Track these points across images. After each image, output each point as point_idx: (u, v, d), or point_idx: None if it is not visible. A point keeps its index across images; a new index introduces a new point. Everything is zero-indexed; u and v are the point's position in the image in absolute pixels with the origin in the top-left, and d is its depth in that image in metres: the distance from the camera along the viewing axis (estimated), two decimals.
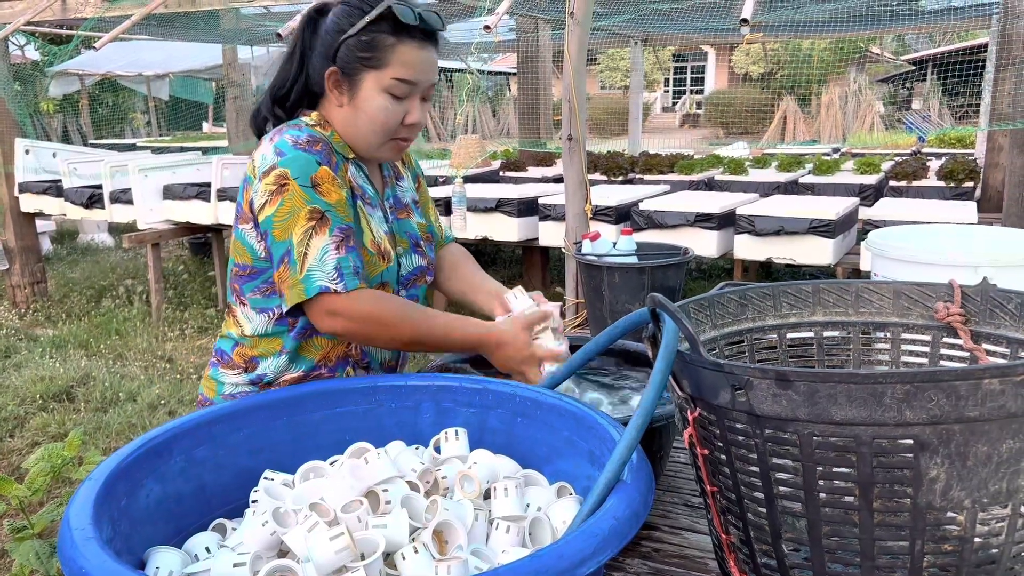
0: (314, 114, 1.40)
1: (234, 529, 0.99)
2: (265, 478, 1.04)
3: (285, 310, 1.31)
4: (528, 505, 0.96)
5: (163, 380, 4.56)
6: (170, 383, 4.49)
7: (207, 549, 0.92)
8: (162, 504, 0.95)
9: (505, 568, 0.68)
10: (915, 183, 5.49)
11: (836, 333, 1.22)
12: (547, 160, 7.71)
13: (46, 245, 8.33)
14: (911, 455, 0.79)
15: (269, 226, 1.28)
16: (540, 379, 1.31)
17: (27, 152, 6.67)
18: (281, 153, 1.29)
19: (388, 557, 0.84)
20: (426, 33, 1.35)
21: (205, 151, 9.47)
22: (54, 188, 6.56)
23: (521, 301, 1.44)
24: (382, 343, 1.37)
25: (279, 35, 4.82)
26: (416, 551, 0.79)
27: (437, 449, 1.09)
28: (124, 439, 3.72)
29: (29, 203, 6.62)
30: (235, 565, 0.84)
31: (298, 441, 1.10)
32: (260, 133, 1.44)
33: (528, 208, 5.10)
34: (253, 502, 1.00)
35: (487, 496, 0.96)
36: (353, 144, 1.41)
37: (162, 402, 4.17)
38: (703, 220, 4.40)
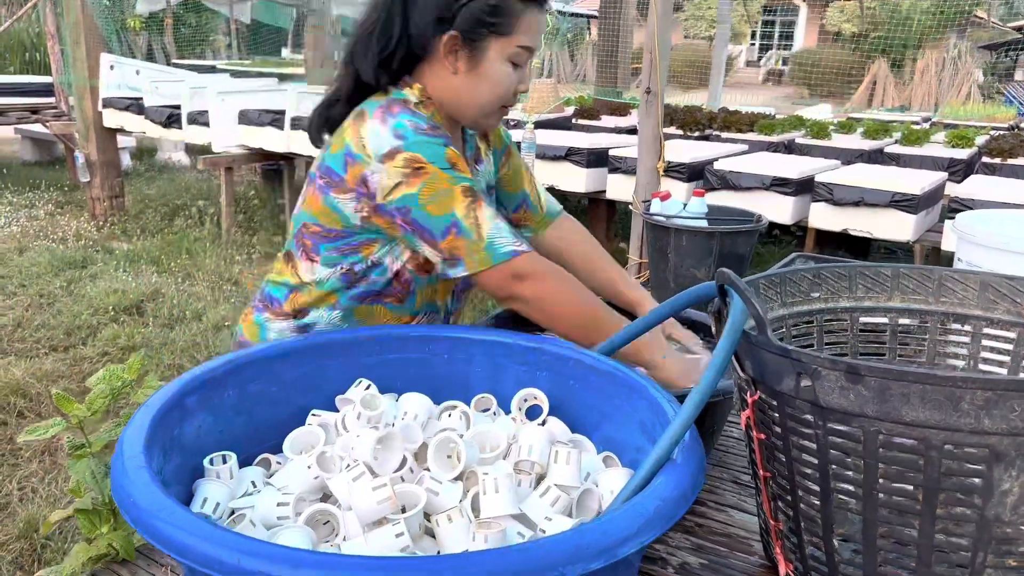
0: (416, 87, 1.32)
1: (279, 463, 1.00)
2: (313, 414, 1.05)
3: (454, 275, 1.26)
4: (588, 476, 0.94)
5: (228, 302, 4.69)
6: (235, 305, 4.61)
7: (252, 483, 0.94)
8: (213, 436, 0.97)
9: (546, 540, 0.67)
10: (1011, 161, 5.18)
11: (912, 321, 1.16)
12: (622, 110, 7.54)
13: (126, 160, 8.56)
14: (984, 465, 0.74)
15: (414, 203, 1.23)
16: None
17: (112, 68, 6.82)
18: (402, 137, 1.23)
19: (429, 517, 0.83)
20: None
21: (282, 78, 9.55)
22: (136, 105, 6.70)
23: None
24: (563, 313, 1.27)
25: None
26: (451, 519, 0.78)
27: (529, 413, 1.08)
28: (188, 357, 3.85)
29: (112, 119, 6.79)
30: (279, 504, 0.85)
31: (350, 383, 1.10)
32: (353, 93, 1.34)
33: (598, 159, 5.00)
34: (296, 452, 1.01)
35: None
36: (461, 112, 1.35)
37: (226, 323, 4.29)
38: (779, 184, 4.25)
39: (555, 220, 1.62)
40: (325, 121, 1.37)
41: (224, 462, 0.92)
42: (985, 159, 5.31)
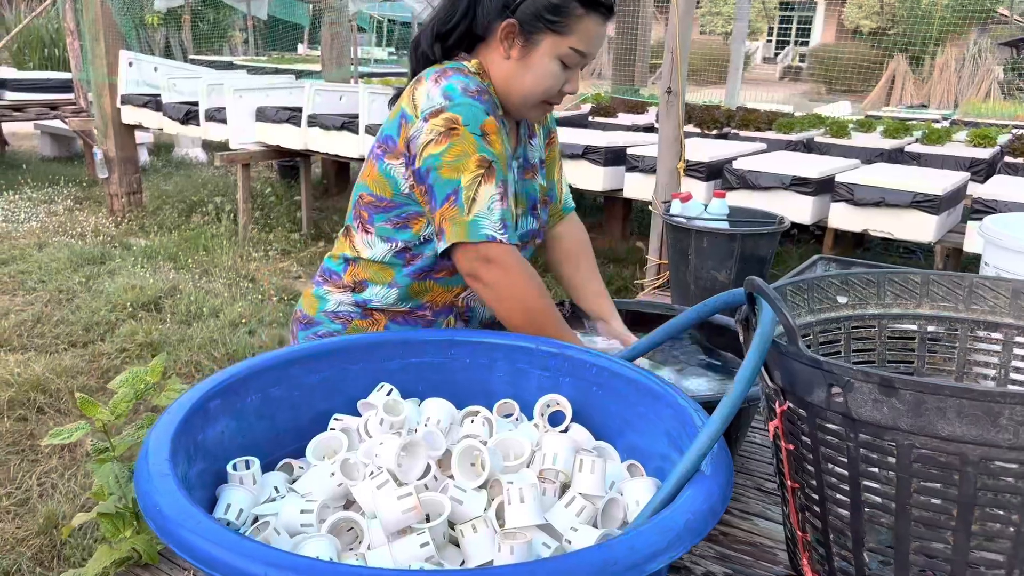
0: (474, 61, 1.36)
1: (301, 468, 1.00)
2: (336, 419, 1.04)
3: (440, 249, 1.29)
4: (612, 484, 0.93)
5: (245, 299, 4.70)
6: (252, 302, 4.62)
7: (276, 489, 0.93)
8: (236, 440, 0.96)
9: (574, 555, 0.66)
10: None
11: (941, 329, 1.14)
12: (639, 107, 7.51)
13: (144, 156, 8.62)
14: (1022, 482, 0.72)
15: (435, 163, 1.26)
16: None
17: (130, 64, 6.85)
18: (450, 97, 1.27)
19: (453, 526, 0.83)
20: (609, 9, 1.34)
21: (299, 75, 9.57)
22: (154, 102, 6.74)
23: None
24: (512, 305, 1.28)
25: None
26: (475, 530, 0.77)
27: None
28: (205, 353, 3.87)
29: (130, 115, 6.83)
30: (302, 512, 0.85)
31: (372, 387, 1.09)
32: (417, 68, 1.40)
33: (615, 157, 4.97)
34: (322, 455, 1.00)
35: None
36: (506, 98, 1.37)
37: (243, 320, 4.30)
38: (799, 184, 4.21)
39: (566, 216, 1.66)
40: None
41: (247, 467, 0.91)
42: (1008, 159, 5.24)
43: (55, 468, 2.82)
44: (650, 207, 2.73)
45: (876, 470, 0.80)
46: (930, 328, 1.14)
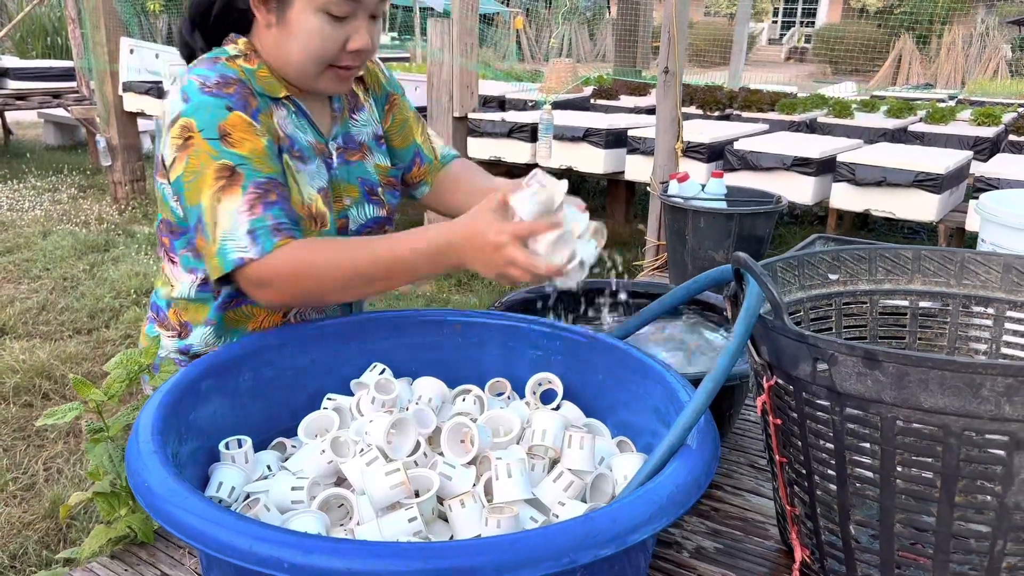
0: (242, 41, 1.19)
1: (294, 447, 1.01)
2: (329, 398, 1.05)
3: (213, 286, 1.17)
4: (602, 460, 0.94)
5: None
6: None
7: (268, 467, 0.94)
8: (229, 420, 0.97)
9: (556, 526, 0.67)
10: None
11: (933, 304, 1.14)
12: (641, 89, 7.46)
13: (147, 144, 8.61)
14: (1004, 452, 0.73)
15: (180, 188, 1.10)
16: (533, 266, 0.97)
17: (132, 52, 6.84)
18: (187, 99, 1.10)
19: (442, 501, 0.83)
20: None
21: None
22: (156, 89, 6.72)
23: (529, 202, 0.99)
24: (327, 296, 1.11)
25: None
26: (463, 504, 0.78)
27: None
28: None
29: (132, 102, 6.82)
30: (293, 488, 0.86)
31: (365, 368, 1.10)
32: (188, 63, 1.22)
33: (616, 140, 4.96)
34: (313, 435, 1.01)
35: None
36: (285, 75, 1.19)
37: None
38: (800, 164, 4.19)
39: (447, 165, 1.45)
40: None
41: (240, 446, 0.92)
42: (1012, 137, 5.21)
43: (60, 453, 2.84)
44: (649, 188, 2.73)
45: (861, 443, 0.81)
46: (922, 304, 1.14)
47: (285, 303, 1.17)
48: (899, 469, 0.79)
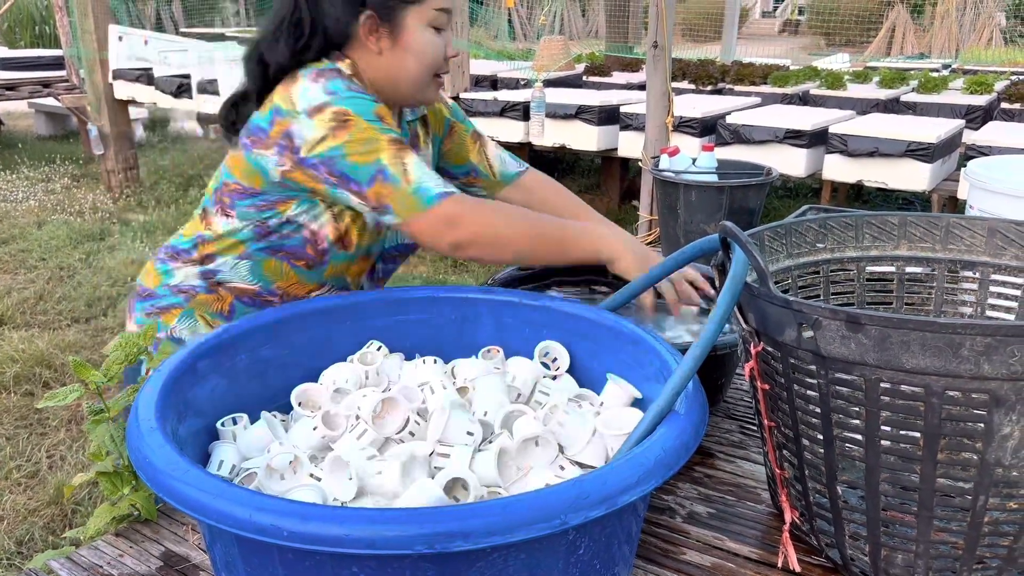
0: (347, 60, 1.30)
1: (283, 421, 1.03)
2: (325, 376, 1.07)
3: (389, 223, 1.24)
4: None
5: None
6: None
7: (282, 424, 0.96)
8: (227, 399, 0.99)
9: (548, 489, 0.68)
10: None
11: (919, 269, 1.16)
12: (633, 65, 7.44)
13: (139, 132, 8.58)
14: (984, 410, 0.75)
15: (339, 152, 1.19)
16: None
17: (120, 39, 6.79)
18: (333, 93, 1.21)
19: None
20: None
21: None
22: (146, 76, 6.69)
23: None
24: (506, 248, 1.23)
25: None
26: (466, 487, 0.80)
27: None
28: None
29: (122, 90, 6.78)
30: (290, 463, 0.87)
31: (361, 346, 1.12)
32: (263, 81, 1.29)
33: (609, 116, 4.95)
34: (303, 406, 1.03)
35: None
36: (396, 91, 1.33)
37: None
38: (792, 137, 4.20)
39: (513, 181, 1.57)
40: (237, 117, 1.33)
41: (234, 424, 0.94)
42: (1004, 105, 5.20)
43: (63, 440, 2.86)
44: (640, 163, 2.73)
45: (847, 405, 0.82)
46: (908, 269, 1.16)
47: (461, 245, 1.22)
48: (884, 429, 0.81)
